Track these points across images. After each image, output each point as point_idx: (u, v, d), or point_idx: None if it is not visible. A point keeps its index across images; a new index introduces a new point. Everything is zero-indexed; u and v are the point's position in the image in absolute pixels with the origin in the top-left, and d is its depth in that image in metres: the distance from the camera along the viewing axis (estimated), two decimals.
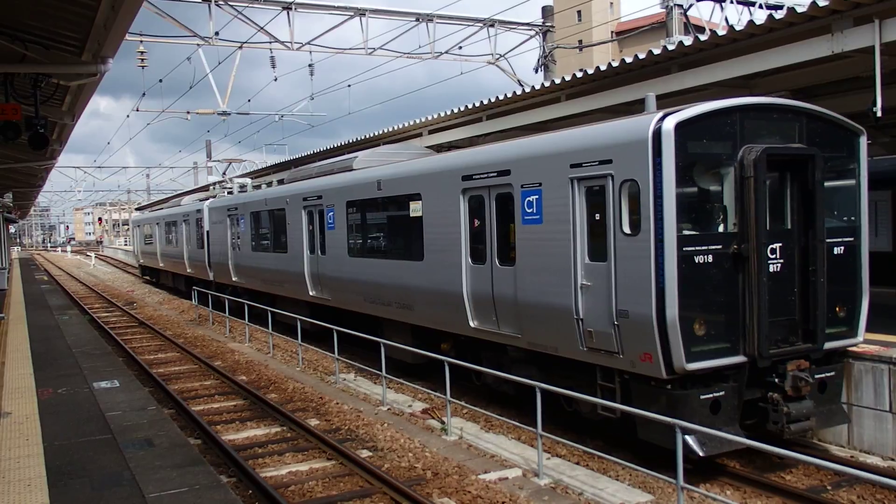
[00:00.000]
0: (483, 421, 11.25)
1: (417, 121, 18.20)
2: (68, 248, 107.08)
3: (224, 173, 31.84)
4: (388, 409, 12.12)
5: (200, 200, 28.58)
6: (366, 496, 8.26)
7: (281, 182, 22.61)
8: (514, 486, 8.40)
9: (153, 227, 36.52)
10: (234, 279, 23.01)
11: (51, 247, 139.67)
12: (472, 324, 11.25)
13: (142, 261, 42.08)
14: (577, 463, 9.30)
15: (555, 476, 8.70)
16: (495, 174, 10.60)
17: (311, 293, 17.19)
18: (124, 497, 6.63)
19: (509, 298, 10.37)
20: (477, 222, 11.22)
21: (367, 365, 14.23)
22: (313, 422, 11.39)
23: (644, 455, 9.32)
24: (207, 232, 25.53)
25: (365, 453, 9.74)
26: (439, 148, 17.32)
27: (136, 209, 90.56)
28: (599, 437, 10.11)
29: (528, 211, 9.96)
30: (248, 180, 26.09)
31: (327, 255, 16.18)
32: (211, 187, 30.06)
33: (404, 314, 13.34)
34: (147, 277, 41.54)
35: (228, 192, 25.93)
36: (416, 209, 12.66)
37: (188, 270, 28.96)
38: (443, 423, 10.97)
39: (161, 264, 35.22)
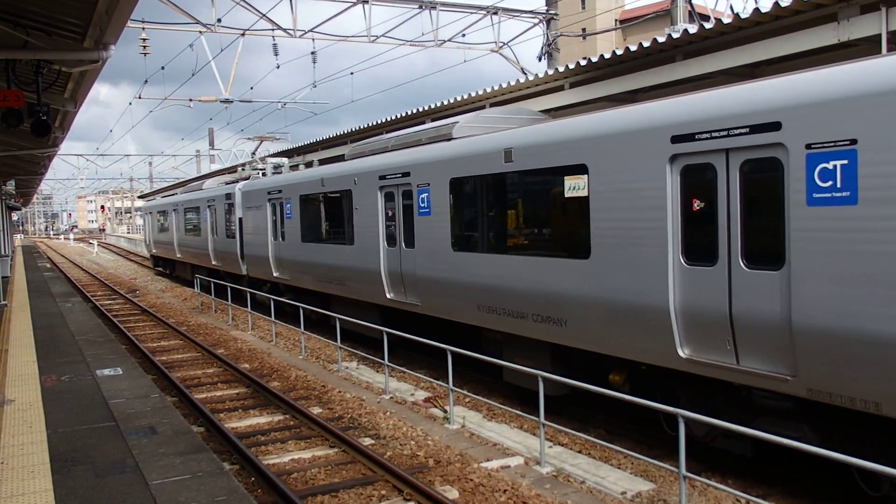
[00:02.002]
0: (485, 410, 11.27)
1: (420, 109, 18.14)
2: (71, 236, 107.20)
3: (254, 153, 27.49)
4: (391, 397, 12.14)
5: (228, 183, 25.49)
6: (368, 484, 8.29)
7: (322, 162, 20.54)
8: (517, 474, 8.42)
9: (169, 214, 32.82)
10: (275, 275, 19.69)
11: (53, 234, 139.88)
12: (682, 352, 7.86)
13: (154, 251, 38.40)
14: (579, 451, 9.32)
15: (557, 464, 8.72)
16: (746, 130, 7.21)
17: (388, 295, 13.88)
18: (127, 484, 6.65)
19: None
20: (701, 205, 7.73)
21: (370, 353, 14.24)
22: (316, 410, 11.42)
23: (646, 443, 9.34)
24: (240, 219, 22.21)
25: (367, 441, 9.76)
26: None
27: (139, 196, 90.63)
28: (601, 426, 10.12)
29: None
30: (284, 160, 22.99)
31: (419, 249, 12.72)
32: (240, 168, 26.75)
33: (547, 330, 9.85)
34: (160, 269, 38.65)
35: (261, 174, 23.23)
36: (576, 187, 9.36)
37: (213, 263, 25.76)
38: (445, 411, 10.99)
39: (178, 255, 31.78)
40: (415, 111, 18.63)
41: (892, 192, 6.05)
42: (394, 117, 19.81)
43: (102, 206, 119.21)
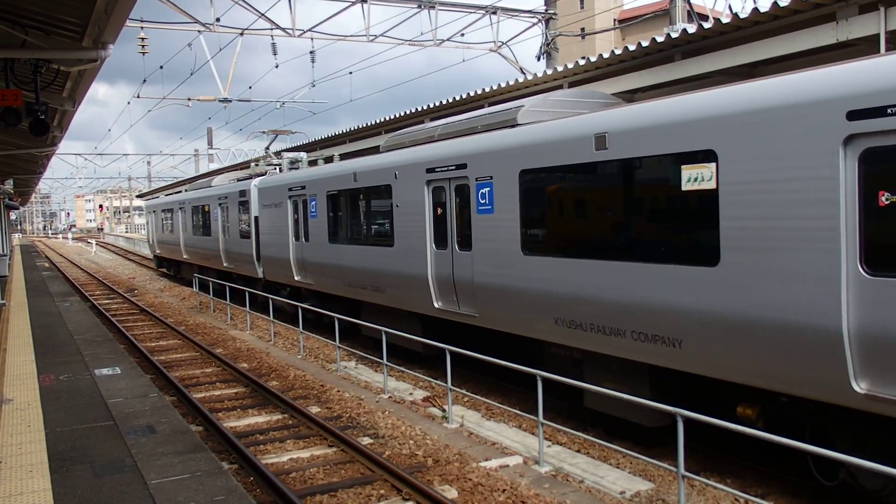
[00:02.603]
0: (484, 409, 11.27)
1: (418, 108, 18.12)
2: (69, 235, 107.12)
3: (267, 148, 25.34)
4: (390, 397, 12.14)
5: (241, 180, 23.69)
6: (367, 483, 8.28)
7: (344, 157, 19.20)
8: (515, 473, 8.42)
9: (175, 213, 30.88)
10: (296, 279, 17.96)
11: (52, 234, 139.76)
12: (857, 386, 6.31)
13: (158, 251, 36.18)
14: (578, 451, 9.33)
15: (555, 464, 8.72)
16: None
17: (436, 304, 12.31)
18: (126, 483, 6.65)
19: None
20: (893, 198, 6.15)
21: (369, 353, 14.23)
22: (314, 409, 11.41)
23: (644, 443, 9.35)
24: (256, 218, 20.58)
25: (366, 441, 9.76)
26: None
27: (138, 196, 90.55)
28: (600, 426, 10.13)
29: None
30: (301, 154, 21.18)
31: (477, 252, 11.08)
32: (253, 164, 25.32)
33: (651, 351, 8.21)
34: (164, 270, 36.70)
35: (277, 169, 21.65)
36: (698, 178, 7.65)
37: (225, 265, 23.92)
38: (444, 410, 10.99)
39: (185, 256, 29.90)
40: (413, 111, 18.65)
41: None
42: (389, 117, 19.84)
43: (101, 206, 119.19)
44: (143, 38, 22.82)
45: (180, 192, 37.34)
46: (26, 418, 8.87)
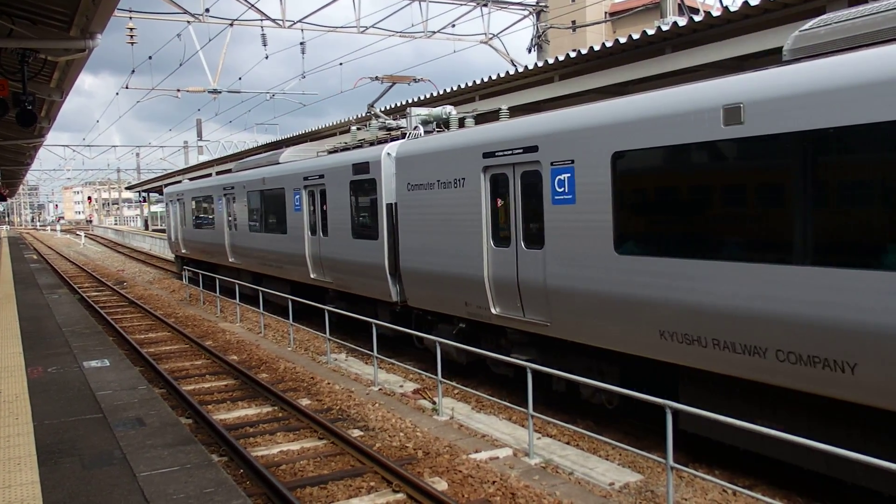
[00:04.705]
0: (474, 401, 11.29)
1: (409, 100, 18.09)
2: (58, 227, 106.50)
3: (371, 106, 16.27)
4: (380, 389, 12.14)
5: (335, 151, 16.44)
6: (357, 475, 8.29)
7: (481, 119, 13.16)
8: (505, 465, 8.44)
9: (216, 202, 23.66)
10: (496, 311, 10.75)
11: (40, 226, 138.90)
12: None
13: (184, 251, 28.36)
14: (568, 443, 9.37)
15: (545, 456, 8.76)
16: None
17: (494, 310, 10.61)
18: (115, 476, 6.63)
19: None
20: None
21: (359, 346, 14.22)
22: (304, 402, 11.41)
23: (634, 435, 9.40)
24: (392, 206, 13.25)
25: (356, 433, 9.77)
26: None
27: (127, 188, 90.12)
28: (590, 418, 10.17)
29: None
30: (448, 108, 13.99)
31: (551, 251, 9.45)
32: (354, 128, 17.03)
33: (807, 376, 6.76)
34: (190, 272, 25.42)
35: (401, 135, 14.32)
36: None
37: (312, 276, 16.70)
38: (434, 403, 11.01)
39: (232, 260, 22.59)
40: (402, 103, 18.59)
41: None
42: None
43: (89, 197, 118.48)
44: (131, 29, 22.65)
45: (210, 174, 31.42)
46: (14, 411, 8.82)
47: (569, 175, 9.16)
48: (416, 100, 17.63)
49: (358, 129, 16.61)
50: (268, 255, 19.39)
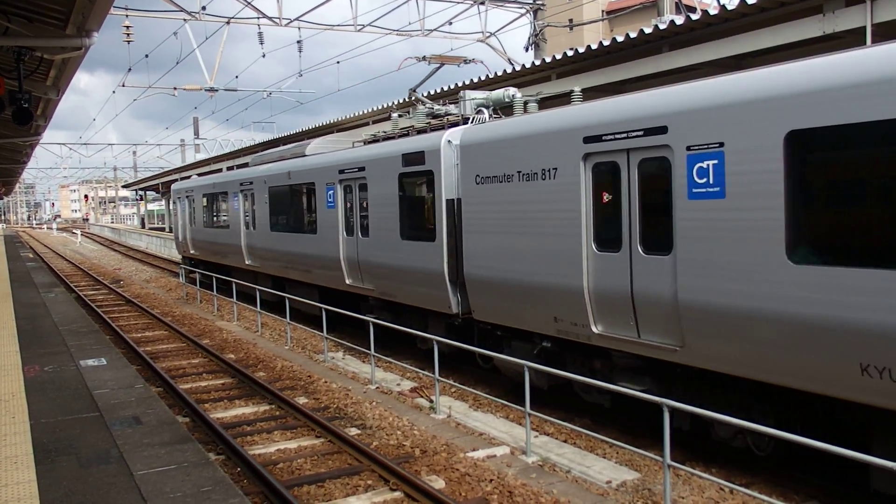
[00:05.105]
0: (471, 399, 11.30)
1: (364, 111, 18.28)
2: (54, 226, 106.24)
3: (414, 91, 14.70)
4: (377, 387, 12.14)
5: (372, 141, 14.48)
6: (354, 474, 8.29)
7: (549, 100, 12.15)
8: (503, 463, 8.45)
9: (233, 198, 21.60)
10: (598, 329, 8.98)
11: (36, 224, 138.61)
12: None
13: (193, 252, 26.61)
14: (565, 441, 9.38)
15: (542, 454, 8.76)
16: None
17: (595, 328, 8.95)
18: (112, 474, 6.62)
19: None
20: None
21: (356, 344, 14.22)
22: (302, 400, 11.40)
23: (631, 433, 9.41)
24: (453, 203, 11.49)
25: (353, 431, 9.77)
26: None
27: (124, 186, 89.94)
28: (587, 416, 10.18)
29: None
30: (512, 90, 12.26)
31: (684, 257, 7.72)
32: (394, 115, 15.01)
33: None
34: (199, 273, 23.90)
35: (447, 120, 12.67)
36: None
37: (348, 282, 14.84)
38: (431, 401, 11.01)
39: (250, 262, 20.62)
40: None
41: None
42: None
43: (86, 196, 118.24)
44: (127, 27, 22.59)
45: (220, 169, 29.28)
46: (10, 409, 8.80)
47: (715, 162, 7.32)
48: (407, 94, 17.60)
49: (399, 116, 14.59)
50: (293, 257, 17.38)
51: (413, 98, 14.77)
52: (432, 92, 16.97)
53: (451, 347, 10.97)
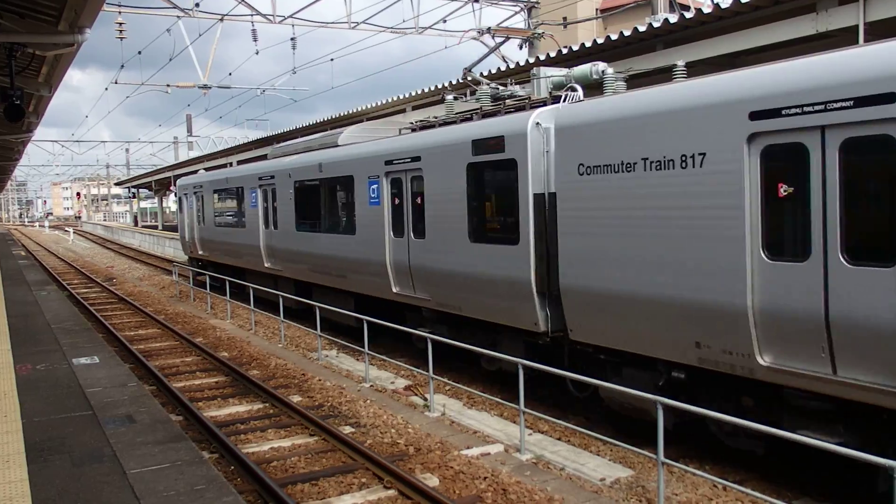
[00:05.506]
0: (465, 397, 11.30)
1: (400, 97, 18.04)
2: (46, 223, 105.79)
3: (469, 70, 13.49)
4: (371, 385, 12.13)
5: (426, 127, 12.69)
6: (348, 472, 8.29)
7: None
8: (497, 461, 8.45)
9: (250, 195, 19.47)
10: (767, 360, 7.02)
11: (28, 222, 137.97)
12: None
13: (202, 252, 24.64)
14: (559, 439, 9.38)
15: (537, 451, 8.77)
16: None
17: (763, 359, 7.03)
18: (105, 473, 6.59)
19: None
20: None
21: (350, 342, 14.20)
22: (296, 398, 11.38)
23: (625, 431, 9.42)
24: (544, 199, 9.63)
25: (348, 429, 9.76)
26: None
27: (116, 184, 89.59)
28: (581, 414, 10.19)
29: None
30: (601, 65, 10.44)
31: None
32: (449, 98, 13.08)
33: None
34: (207, 276, 22.18)
35: (527, 100, 10.84)
36: None
37: (395, 290, 12.86)
38: (425, 399, 11.01)
39: (270, 265, 18.56)
40: (395, 98, 18.56)
41: None
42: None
43: (78, 193, 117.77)
44: (120, 23, 22.49)
45: (229, 164, 27.45)
46: (2, 408, 8.76)
47: None
48: (410, 94, 17.56)
49: (455, 98, 12.93)
50: (323, 260, 15.46)
51: (468, 79, 13.19)
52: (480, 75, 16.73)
53: (539, 371, 9.06)
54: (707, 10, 10.39)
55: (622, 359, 8.71)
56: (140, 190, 78.14)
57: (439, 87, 17.03)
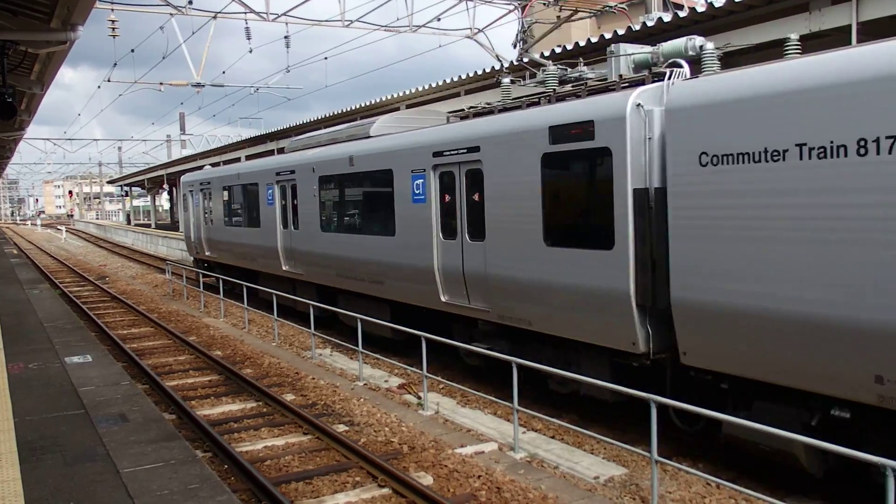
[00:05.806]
0: (459, 396, 11.30)
1: (394, 95, 18.01)
2: (38, 222, 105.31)
3: (525, 51, 13.15)
4: (365, 384, 12.13)
5: (484, 112, 11.37)
6: (342, 470, 8.28)
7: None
8: (491, 459, 8.46)
9: (266, 191, 17.90)
10: None
11: (20, 220, 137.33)
12: None
13: (209, 253, 23.01)
14: (553, 437, 9.40)
15: (530, 450, 8.78)
16: None
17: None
18: (98, 472, 6.57)
19: None
20: None
21: (343, 340, 14.18)
22: (289, 397, 11.37)
23: (619, 429, 9.45)
24: (649, 196, 8.03)
25: (341, 428, 9.75)
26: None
27: (109, 182, 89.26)
28: (574, 412, 10.21)
29: None
30: (698, 39, 9.04)
31: None
32: (505, 81, 11.59)
33: None
34: (213, 278, 21.58)
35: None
36: None
37: (444, 298, 11.52)
38: (419, 398, 11.01)
39: (289, 268, 17.03)
40: (387, 97, 18.53)
41: None
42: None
43: (70, 192, 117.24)
44: (113, 21, 22.39)
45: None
46: None
47: None
48: (404, 93, 17.53)
49: (512, 82, 11.46)
50: (354, 264, 13.98)
51: (525, 60, 11.76)
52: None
53: (626, 396, 7.87)
54: (701, 8, 10.42)
55: (753, 389, 7.29)
56: (133, 188, 77.89)
57: (487, 70, 15.45)
